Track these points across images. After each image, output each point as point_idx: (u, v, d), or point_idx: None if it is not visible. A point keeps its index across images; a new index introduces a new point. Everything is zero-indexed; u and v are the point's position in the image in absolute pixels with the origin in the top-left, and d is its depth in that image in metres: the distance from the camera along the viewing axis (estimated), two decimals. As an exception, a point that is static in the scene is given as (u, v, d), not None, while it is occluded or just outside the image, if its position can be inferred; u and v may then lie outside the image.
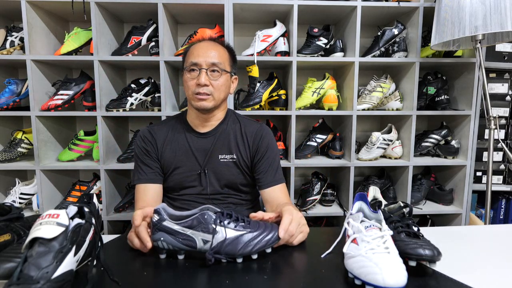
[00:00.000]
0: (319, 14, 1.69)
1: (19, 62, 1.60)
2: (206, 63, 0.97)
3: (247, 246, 0.64)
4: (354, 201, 0.71)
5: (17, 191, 1.60)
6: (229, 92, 1.07)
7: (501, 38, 1.44)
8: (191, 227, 0.64)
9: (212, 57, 0.98)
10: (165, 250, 0.66)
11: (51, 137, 1.66)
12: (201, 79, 0.96)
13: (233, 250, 0.64)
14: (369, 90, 1.72)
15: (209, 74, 0.98)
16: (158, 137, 1.06)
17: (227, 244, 0.63)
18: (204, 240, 0.63)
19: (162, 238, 0.65)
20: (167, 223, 0.65)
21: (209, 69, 0.98)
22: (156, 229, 0.66)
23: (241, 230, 0.66)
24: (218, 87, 0.99)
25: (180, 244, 0.64)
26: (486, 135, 1.79)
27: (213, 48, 1.00)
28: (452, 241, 0.78)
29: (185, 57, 1.03)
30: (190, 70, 0.99)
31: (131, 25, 1.67)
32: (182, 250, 0.66)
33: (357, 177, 1.93)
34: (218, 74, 0.99)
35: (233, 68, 1.07)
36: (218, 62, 0.98)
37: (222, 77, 1.00)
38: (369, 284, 0.53)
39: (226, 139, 1.06)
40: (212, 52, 0.99)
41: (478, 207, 1.92)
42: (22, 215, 0.69)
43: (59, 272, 0.50)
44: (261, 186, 1.05)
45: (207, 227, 0.63)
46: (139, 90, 1.62)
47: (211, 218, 0.64)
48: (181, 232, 0.64)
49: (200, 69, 0.97)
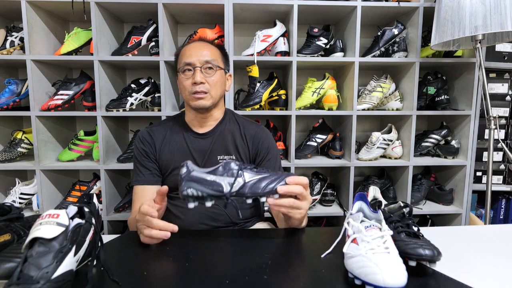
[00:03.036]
0: (319, 14, 1.69)
1: (19, 62, 1.60)
2: (199, 61, 0.99)
3: (267, 187, 0.70)
4: (354, 201, 0.71)
5: (17, 191, 1.60)
6: (225, 89, 1.08)
7: (501, 38, 1.44)
8: (217, 174, 0.70)
9: (205, 56, 1.00)
10: (193, 198, 0.69)
11: (51, 137, 1.67)
12: (196, 77, 0.97)
13: (256, 190, 0.69)
14: (369, 90, 1.72)
15: (204, 72, 1.00)
16: (156, 137, 1.07)
17: (250, 185, 0.69)
18: (230, 183, 0.69)
19: (191, 187, 0.69)
20: (195, 173, 0.70)
21: (203, 67, 0.99)
22: (185, 180, 0.70)
23: (261, 173, 0.72)
24: (214, 83, 1.01)
25: (209, 189, 0.69)
26: (486, 135, 1.79)
27: (204, 47, 1.02)
28: (452, 241, 0.78)
29: (178, 60, 1.06)
30: (184, 71, 1.01)
31: (131, 25, 1.67)
32: (210, 197, 0.69)
33: (357, 177, 1.93)
34: (213, 71, 1.01)
35: (226, 65, 1.09)
36: (211, 59, 1.00)
37: (217, 74, 1.02)
38: (369, 284, 0.53)
39: (225, 140, 1.06)
40: (204, 51, 1.01)
41: (478, 207, 1.92)
42: (22, 215, 0.69)
43: (59, 272, 0.50)
44: None
45: (231, 172, 0.70)
46: (139, 90, 1.62)
47: (235, 165, 0.71)
48: (208, 179, 0.69)
49: (195, 68, 0.99)
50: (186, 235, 0.82)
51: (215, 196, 0.69)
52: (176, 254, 0.70)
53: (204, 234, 0.85)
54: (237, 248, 0.76)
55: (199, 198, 0.69)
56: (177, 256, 0.69)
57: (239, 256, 0.71)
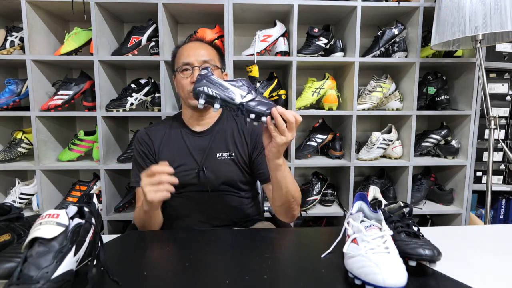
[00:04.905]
0: (319, 14, 1.69)
1: (19, 62, 1.59)
2: (197, 61, 1.01)
3: (268, 109, 0.76)
4: (354, 201, 0.71)
5: (17, 191, 1.60)
6: None
7: (501, 38, 1.44)
8: (233, 85, 0.76)
9: (202, 55, 1.02)
10: (206, 95, 0.74)
11: (51, 137, 1.66)
12: (194, 76, 0.99)
13: (260, 108, 0.75)
14: (369, 90, 1.72)
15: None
16: (155, 138, 1.08)
17: (257, 103, 0.75)
18: (241, 95, 0.75)
19: (207, 86, 0.75)
20: (214, 77, 0.76)
21: (201, 67, 1.01)
22: (202, 80, 0.76)
23: (266, 100, 0.78)
24: None
25: (222, 93, 0.75)
26: (486, 135, 1.79)
27: (201, 47, 1.05)
28: (452, 241, 0.78)
29: (175, 60, 1.07)
30: (183, 70, 1.02)
31: (131, 25, 1.67)
32: (220, 100, 0.74)
33: (357, 177, 1.93)
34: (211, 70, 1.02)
35: (223, 64, 1.11)
36: (209, 59, 1.02)
37: (215, 73, 1.02)
38: (369, 284, 0.53)
39: (223, 137, 1.07)
40: (201, 51, 1.03)
41: (478, 207, 1.92)
42: (22, 215, 0.69)
43: (59, 272, 0.50)
44: (264, 180, 1.06)
45: (244, 88, 0.77)
46: (139, 90, 1.62)
47: (250, 83, 0.79)
48: (224, 85, 0.76)
49: (193, 67, 1.01)
50: (186, 235, 0.82)
51: (225, 102, 0.74)
52: (176, 254, 0.70)
53: (204, 234, 0.85)
54: (237, 248, 0.76)
55: (210, 97, 0.74)
56: (177, 256, 0.69)
57: (239, 256, 0.71)
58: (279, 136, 0.77)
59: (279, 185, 0.89)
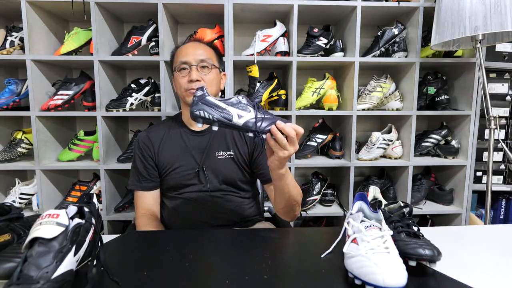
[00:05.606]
0: (319, 14, 1.69)
1: (19, 62, 1.59)
2: (195, 60, 1.02)
3: (268, 126, 0.74)
4: (354, 201, 0.71)
5: (17, 191, 1.60)
6: (220, 88, 1.10)
7: (501, 38, 1.44)
8: (229, 104, 0.73)
9: (200, 55, 1.03)
10: (203, 119, 0.72)
11: (51, 137, 1.66)
12: (192, 75, 1.00)
13: (260, 128, 0.73)
14: (369, 90, 1.72)
15: (199, 70, 1.02)
16: (155, 139, 1.08)
17: (256, 121, 0.73)
18: (239, 115, 0.72)
19: (203, 109, 0.72)
20: (209, 98, 0.73)
21: (199, 65, 1.02)
22: (198, 102, 0.73)
23: (266, 114, 0.76)
24: (210, 81, 1.03)
25: (218, 115, 0.72)
26: (486, 135, 1.79)
27: (199, 47, 1.06)
28: (452, 241, 0.78)
29: (173, 59, 1.08)
30: (180, 69, 1.03)
31: (131, 25, 1.67)
32: (217, 122, 0.72)
33: (357, 177, 1.93)
34: (208, 69, 1.04)
35: (221, 64, 1.11)
36: (206, 58, 1.03)
37: (212, 72, 1.05)
38: (369, 284, 0.53)
39: (223, 136, 1.07)
40: (199, 50, 1.04)
41: (478, 207, 1.92)
42: (22, 215, 0.69)
43: (59, 272, 0.50)
44: (265, 181, 1.06)
45: (244, 107, 0.74)
46: (139, 90, 1.62)
47: (247, 101, 0.75)
48: (220, 106, 0.73)
49: (191, 66, 1.01)
50: (186, 235, 0.82)
51: (223, 123, 0.72)
52: (176, 254, 0.70)
53: (204, 234, 0.85)
54: (237, 248, 0.76)
55: (208, 120, 0.72)
56: (177, 256, 0.69)
57: (239, 256, 0.71)
58: (281, 151, 0.75)
59: (282, 191, 0.89)
